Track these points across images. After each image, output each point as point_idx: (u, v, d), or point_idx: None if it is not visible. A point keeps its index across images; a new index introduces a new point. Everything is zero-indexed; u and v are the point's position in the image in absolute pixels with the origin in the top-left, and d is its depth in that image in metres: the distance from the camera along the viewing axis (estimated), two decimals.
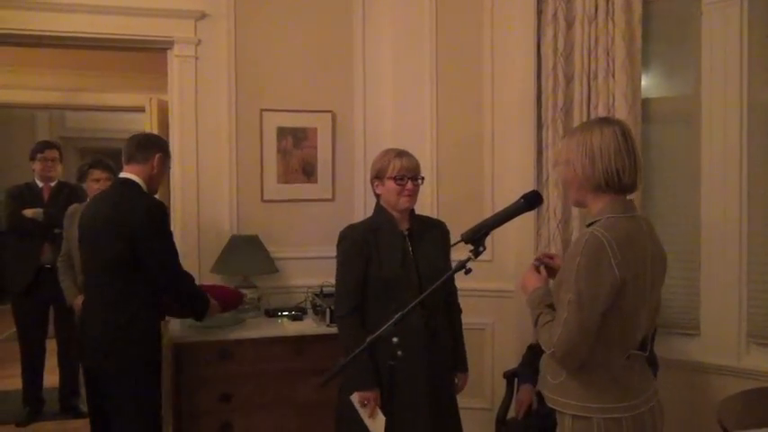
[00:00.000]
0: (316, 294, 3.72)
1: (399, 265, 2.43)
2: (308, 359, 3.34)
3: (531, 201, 1.84)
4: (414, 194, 2.52)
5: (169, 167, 3.16)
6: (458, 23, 3.80)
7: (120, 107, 5.39)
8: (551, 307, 1.83)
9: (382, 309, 2.40)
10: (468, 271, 1.85)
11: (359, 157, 3.99)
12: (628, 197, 1.84)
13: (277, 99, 3.85)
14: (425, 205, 3.78)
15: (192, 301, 2.94)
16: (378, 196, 2.63)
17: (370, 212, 3.94)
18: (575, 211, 3.47)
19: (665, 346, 3.23)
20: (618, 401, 1.76)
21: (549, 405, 1.85)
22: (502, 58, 3.76)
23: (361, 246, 2.48)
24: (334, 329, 3.30)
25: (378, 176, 2.55)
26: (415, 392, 2.34)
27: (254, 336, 3.32)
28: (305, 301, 3.79)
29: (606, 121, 1.84)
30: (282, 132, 3.87)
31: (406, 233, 2.52)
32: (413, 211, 2.61)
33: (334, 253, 3.88)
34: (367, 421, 2.32)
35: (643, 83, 3.39)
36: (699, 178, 3.30)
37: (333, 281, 3.74)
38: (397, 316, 1.79)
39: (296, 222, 3.90)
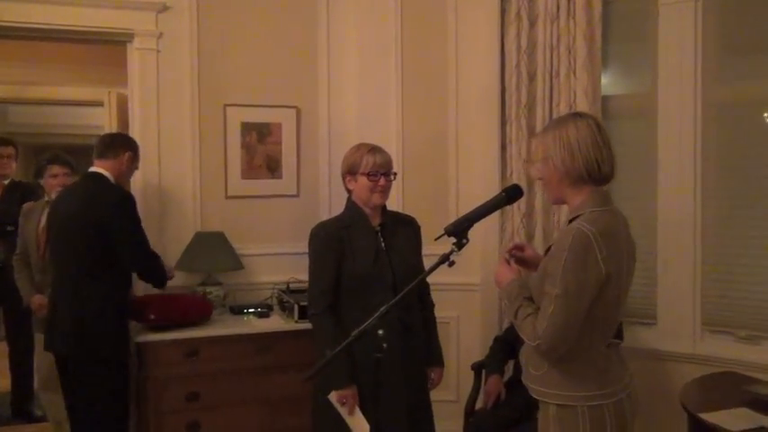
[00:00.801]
0: (282, 291, 3.69)
1: (372, 261, 2.42)
2: (276, 356, 3.32)
3: (512, 194, 1.87)
4: (386, 191, 2.52)
5: (137, 167, 3.25)
6: (423, 20, 3.83)
7: (76, 101, 5.20)
8: (529, 299, 1.85)
9: (356, 305, 2.40)
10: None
11: (324, 153, 3.97)
12: (604, 189, 1.88)
13: (241, 94, 3.79)
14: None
15: (160, 277, 3.15)
16: (349, 192, 2.61)
17: (335, 208, 3.98)
18: (538, 205, 3.54)
19: (624, 334, 3.32)
20: (600, 389, 1.79)
21: (534, 396, 1.87)
22: (466, 55, 3.80)
23: (334, 243, 2.46)
24: (302, 325, 3.32)
25: (350, 172, 2.53)
26: (396, 386, 2.35)
27: (220, 333, 3.27)
28: (271, 297, 3.75)
29: (579, 115, 1.88)
30: (246, 128, 3.81)
31: (378, 229, 2.51)
32: (385, 206, 2.61)
33: (299, 249, 3.87)
34: (347, 419, 2.31)
35: (603, 80, 3.48)
36: (656, 173, 3.41)
37: (300, 277, 3.78)
38: (382, 309, 1.79)
39: (261, 218, 3.85)
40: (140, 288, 3.46)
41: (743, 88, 3.25)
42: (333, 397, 2.34)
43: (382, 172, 2.48)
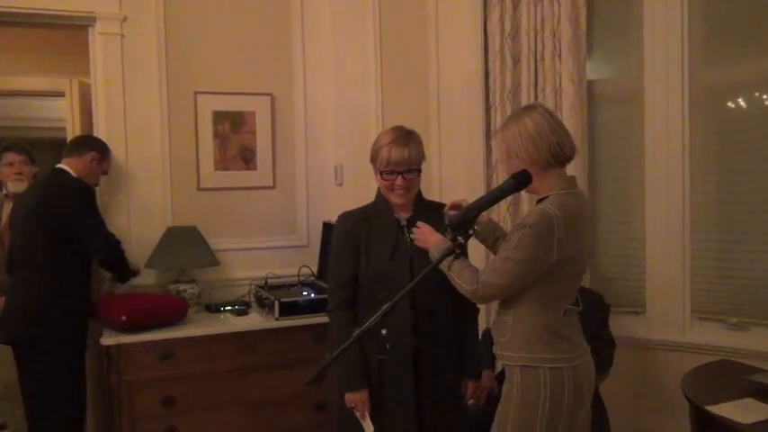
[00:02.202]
0: (260, 287, 3.54)
1: (388, 257, 2.22)
2: (257, 356, 3.18)
3: (521, 180, 1.74)
4: (407, 189, 2.25)
5: (105, 171, 3.23)
6: (402, 3, 3.68)
7: (34, 92, 4.89)
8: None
9: (370, 303, 2.23)
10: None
11: (300, 142, 3.83)
12: (568, 172, 1.99)
13: (212, 81, 3.62)
14: (373, 192, 3.65)
15: (124, 269, 3.14)
16: None
17: (313, 200, 3.86)
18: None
19: (612, 324, 3.24)
20: (560, 353, 1.90)
21: (500, 362, 1.99)
22: (448, 39, 3.67)
23: (351, 236, 2.29)
24: (284, 323, 3.19)
25: (372, 162, 2.33)
26: (400, 392, 2.18)
27: (197, 333, 3.11)
28: (248, 294, 3.59)
29: (528, 108, 2.01)
30: (219, 117, 3.64)
31: (405, 222, 2.28)
32: (419, 194, 2.35)
33: (276, 243, 3.80)
34: (363, 423, 2.16)
35: (588, 65, 3.38)
36: (643, 158, 3.34)
37: (277, 272, 3.66)
38: (384, 307, 1.66)
39: (236, 211, 3.70)
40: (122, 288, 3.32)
41: (730, 72, 3.18)
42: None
43: (399, 170, 2.22)
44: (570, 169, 3.18)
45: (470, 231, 1.69)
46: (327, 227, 3.74)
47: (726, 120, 3.21)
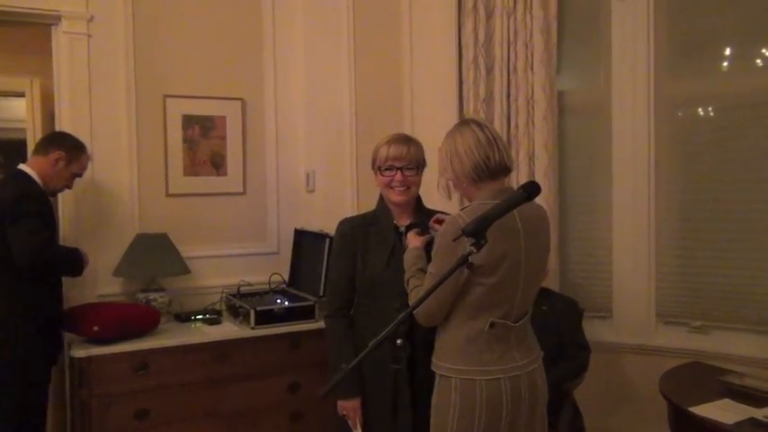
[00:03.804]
0: (232, 295, 3.48)
1: (384, 264, 2.21)
2: (232, 366, 3.13)
3: (530, 191, 1.78)
4: (406, 186, 2.24)
5: (77, 173, 3.02)
6: (375, 11, 3.70)
7: None
8: (424, 270, 2.02)
9: (367, 310, 2.24)
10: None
11: (271, 148, 3.79)
12: (505, 181, 2.02)
13: (182, 84, 3.54)
14: (346, 200, 3.66)
15: (59, 267, 2.89)
16: None
17: (284, 207, 3.83)
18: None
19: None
20: (473, 365, 1.92)
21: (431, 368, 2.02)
22: (422, 49, 3.71)
23: (349, 242, 2.28)
24: (259, 332, 3.15)
25: (372, 166, 2.32)
26: (410, 404, 2.17)
27: (170, 344, 3.03)
28: (219, 302, 3.52)
29: (462, 123, 2.07)
30: (188, 121, 3.56)
31: (403, 229, 2.28)
32: (419, 203, 2.35)
33: (248, 250, 3.77)
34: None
35: (558, 76, 3.47)
36: (610, 168, 3.46)
37: (249, 279, 3.61)
38: (400, 316, 1.66)
39: (206, 218, 3.62)
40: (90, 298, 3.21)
41: (693, 84, 3.33)
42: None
43: (398, 166, 2.22)
44: (540, 178, 3.33)
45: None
46: (299, 234, 3.72)
47: (689, 130, 3.36)
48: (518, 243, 1.92)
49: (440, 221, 2.10)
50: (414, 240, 2.15)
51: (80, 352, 2.85)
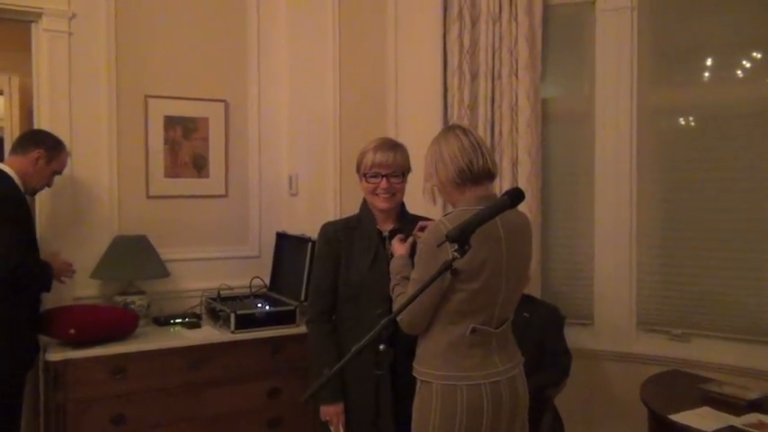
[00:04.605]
0: (212, 298, 3.46)
1: (367, 269, 2.21)
2: (212, 370, 3.10)
3: (514, 197, 1.79)
4: (391, 193, 2.24)
5: (57, 171, 2.99)
6: (360, 15, 3.69)
7: None
8: (408, 278, 2.03)
9: (350, 314, 2.23)
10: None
11: (253, 151, 3.77)
12: (489, 187, 2.03)
13: (164, 84, 3.51)
14: (329, 203, 3.66)
15: (35, 284, 2.81)
16: None
17: (266, 210, 3.82)
18: None
19: None
20: (454, 370, 1.93)
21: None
22: (407, 52, 3.71)
23: (332, 245, 2.27)
24: (239, 336, 3.15)
25: (357, 171, 2.32)
26: (392, 412, 2.16)
27: (149, 348, 3.00)
28: (199, 306, 3.50)
29: (447, 129, 2.11)
30: (170, 122, 3.54)
31: (387, 234, 2.28)
32: (404, 209, 2.36)
33: (229, 253, 3.75)
34: None
35: (542, 83, 3.50)
36: (593, 175, 3.49)
37: (230, 283, 3.60)
38: (383, 322, 1.65)
39: (187, 220, 3.60)
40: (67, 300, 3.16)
41: (676, 94, 3.38)
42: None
43: (384, 173, 2.22)
44: (523, 184, 3.35)
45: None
46: (280, 237, 3.70)
47: (671, 140, 3.41)
48: (499, 250, 1.94)
49: (424, 229, 2.11)
50: (399, 248, 2.16)
51: (56, 355, 2.81)
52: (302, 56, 3.74)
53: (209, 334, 3.18)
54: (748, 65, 3.21)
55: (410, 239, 2.16)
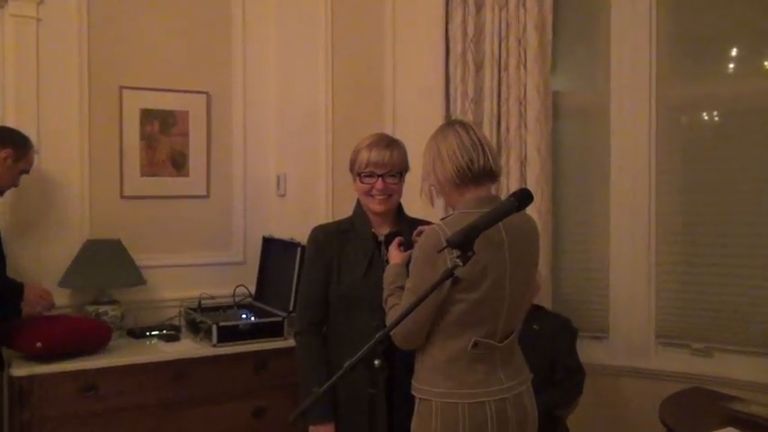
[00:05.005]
0: (192, 309, 3.49)
1: (361, 276, 2.22)
2: (191, 387, 3.12)
3: (522, 199, 1.82)
4: (388, 194, 2.26)
5: (24, 169, 3.04)
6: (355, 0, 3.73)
7: None
8: (402, 289, 2.04)
9: (342, 326, 2.26)
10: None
11: (238, 147, 3.80)
12: (491, 189, 2.06)
13: (141, 75, 3.55)
14: (320, 205, 3.69)
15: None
16: None
17: (251, 212, 3.86)
18: None
19: None
20: (455, 387, 1.94)
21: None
22: (406, 40, 3.77)
23: (324, 251, 2.29)
24: (222, 350, 3.17)
25: (351, 170, 2.34)
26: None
27: (122, 362, 3.02)
28: (177, 317, 3.53)
29: (446, 125, 2.14)
30: (147, 115, 3.57)
31: (382, 239, 2.29)
32: (400, 210, 2.38)
33: (210, 259, 3.79)
34: None
35: (552, 75, 3.53)
36: (608, 176, 3.52)
37: (212, 292, 3.62)
38: (378, 335, 1.67)
39: (164, 223, 3.63)
40: None
41: (698, 87, 3.41)
42: None
43: (380, 173, 2.23)
44: (531, 185, 3.37)
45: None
46: (267, 242, 3.73)
47: (694, 138, 3.45)
48: (501, 255, 1.95)
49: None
50: (395, 256, 2.17)
51: (21, 370, 2.83)
52: (292, 43, 3.77)
53: (188, 348, 3.20)
54: None
55: (410, 252, 2.13)
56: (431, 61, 3.65)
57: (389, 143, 2.29)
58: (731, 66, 3.36)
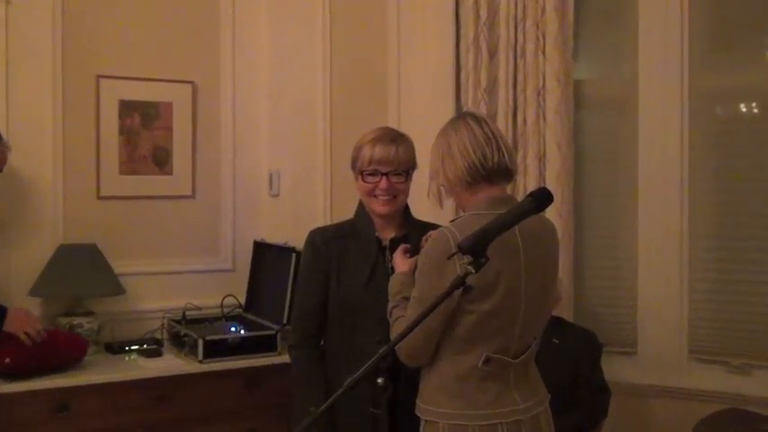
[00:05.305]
0: (176, 321, 3.49)
1: (363, 285, 2.22)
2: (175, 407, 3.13)
3: (540, 200, 1.79)
4: (393, 195, 2.25)
5: None
6: None
7: None
8: (409, 299, 2.02)
9: (342, 339, 2.24)
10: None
11: (227, 142, 3.82)
12: (506, 189, 2.05)
13: (120, 63, 3.57)
14: (317, 207, 3.67)
15: None
16: None
17: (241, 214, 3.87)
18: None
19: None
20: (464, 408, 1.92)
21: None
22: (412, 25, 3.74)
23: (322, 256, 2.28)
24: (208, 367, 3.19)
25: (352, 168, 2.33)
26: None
27: (99, 380, 3.03)
28: (160, 329, 3.54)
29: (457, 118, 2.12)
30: (127, 107, 3.60)
31: (387, 243, 2.29)
32: (407, 212, 2.37)
33: (196, 266, 3.77)
34: None
35: (574, 63, 3.51)
36: (635, 173, 3.49)
37: (197, 302, 3.63)
38: (381, 350, 1.64)
39: (145, 226, 3.64)
40: None
41: (734, 75, 3.39)
42: None
43: (384, 171, 2.22)
44: (551, 183, 3.35)
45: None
46: (259, 247, 3.72)
47: (729, 130, 3.43)
48: (516, 261, 1.93)
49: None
50: (401, 264, 2.16)
51: None
52: (286, 27, 3.77)
53: (171, 364, 3.21)
54: None
55: (415, 258, 2.13)
56: (439, 47, 3.64)
57: (395, 138, 2.27)
58: None
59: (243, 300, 3.70)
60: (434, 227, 2.23)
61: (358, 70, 3.74)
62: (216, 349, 3.19)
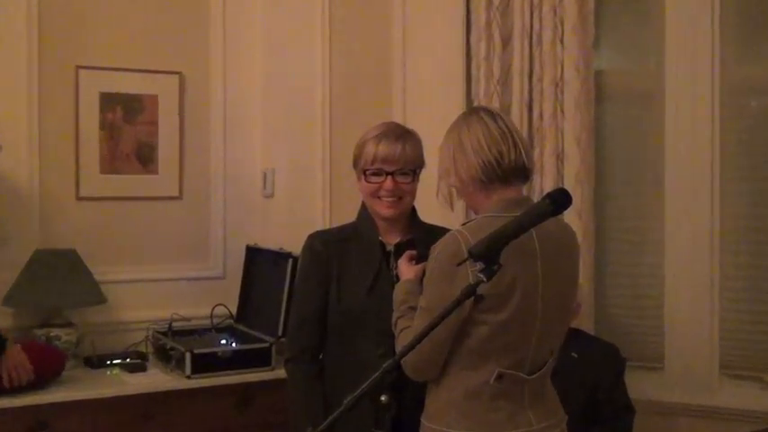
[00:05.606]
0: (161, 332, 3.51)
1: (366, 293, 2.23)
2: (161, 426, 3.14)
3: (559, 202, 1.80)
4: (398, 196, 2.26)
5: None
6: None
7: None
8: (416, 309, 2.02)
9: (342, 351, 2.25)
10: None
11: (217, 139, 3.84)
12: (522, 189, 2.06)
13: (100, 53, 3.59)
14: (315, 209, 3.69)
15: None
16: None
17: (231, 214, 3.90)
18: None
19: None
20: (474, 428, 1.93)
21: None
22: (418, 10, 3.75)
23: (320, 262, 2.30)
24: (196, 383, 3.20)
25: (354, 166, 2.34)
26: None
27: (78, 397, 3.04)
28: (144, 342, 3.55)
29: (469, 112, 2.13)
30: (108, 100, 3.62)
31: (392, 248, 2.30)
32: (414, 214, 2.39)
33: (183, 272, 3.81)
34: None
35: (596, 52, 3.52)
36: (662, 172, 3.50)
37: (184, 312, 3.66)
38: (385, 365, 1.65)
39: (129, 230, 3.67)
40: None
41: None
42: None
43: (389, 170, 2.24)
44: (570, 183, 3.36)
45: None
46: (252, 252, 3.74)
47: (763, 126, 3.42)
48: (533, 268, 1.94)
49: None
50: (407, 271, 2.17)
51: None
52: (282, 13, 3.79)
53: (157, 380, 3.22)
54: None
55: (423, 264, 2.12)
56: (448, 34, 3.65)
57: (401, 134, 2.28)
58: None
59: (234, 310, 3.71)
60: (443, 230, 2.25)
61: (360, 59, 3.75)
62: (205, 364, 3.20)
